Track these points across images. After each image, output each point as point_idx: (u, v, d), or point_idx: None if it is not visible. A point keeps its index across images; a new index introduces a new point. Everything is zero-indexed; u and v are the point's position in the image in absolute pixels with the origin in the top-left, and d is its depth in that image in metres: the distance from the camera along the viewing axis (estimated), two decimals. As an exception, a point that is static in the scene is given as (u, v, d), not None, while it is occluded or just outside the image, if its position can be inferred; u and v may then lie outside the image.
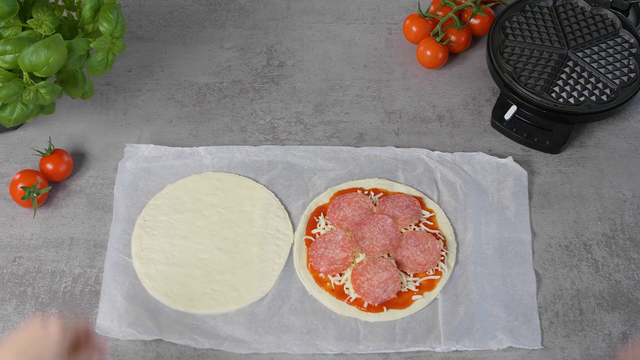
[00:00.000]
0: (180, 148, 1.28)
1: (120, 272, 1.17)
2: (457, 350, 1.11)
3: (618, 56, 1.34)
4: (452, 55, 1.42)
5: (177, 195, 1.24)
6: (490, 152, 1.30)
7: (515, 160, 1.28)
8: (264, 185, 1.25)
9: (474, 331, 1.12)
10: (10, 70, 1.12)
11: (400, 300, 1.16)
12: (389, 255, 1.19)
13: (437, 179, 1.26)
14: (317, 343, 1.12)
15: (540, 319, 1.14)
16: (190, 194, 1.24)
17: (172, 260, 1.18)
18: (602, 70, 1.33)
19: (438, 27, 1.39)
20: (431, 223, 1.22)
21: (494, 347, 1.11)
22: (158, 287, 1.16)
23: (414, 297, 1.16)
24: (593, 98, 1.30)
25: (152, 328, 1.12)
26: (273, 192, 1.25)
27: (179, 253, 1.19)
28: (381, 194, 1.25)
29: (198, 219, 1.22)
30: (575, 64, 1.34)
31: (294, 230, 1.22)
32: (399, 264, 1.18)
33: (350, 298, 1.15)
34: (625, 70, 1.33)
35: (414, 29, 1.41)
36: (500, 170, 1.27)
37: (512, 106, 1.31)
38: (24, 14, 1.17)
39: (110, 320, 1.12)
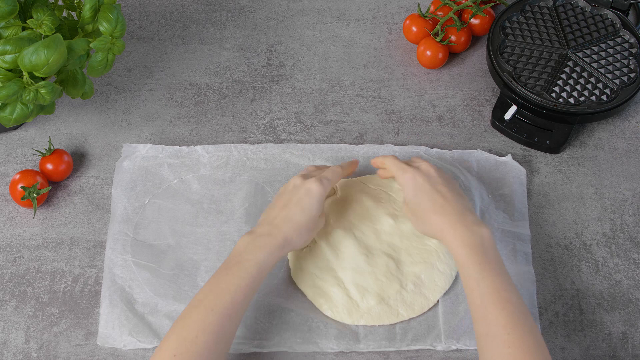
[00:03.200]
0: (178, 147, 1.28)
1: (119, 275, 1.17)
2: (457, 349, 1.11)
3: (618, 56, 1.34)
4: (452, 55, 1.42)
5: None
6: (490, 152, 1.30)
7: (514, 160, 1.28)
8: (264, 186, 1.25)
9: (474, 330, 1.12)
10: (10, 70, 1.12)
11: (401, 300, 1.16)
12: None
13: None
14: (318, 341, 1.12)
15: (540, 318, 1.14)
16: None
17: None
18: (602, 70, 1.33)
19: (438, 27, 1.39)
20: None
21: None
22: None
23: (414, 297, 1.16)
24: (593, 98, 1.30)
25: (153, 335, 1.12)
26: (270, 191, 1.24)
27: None
28: None
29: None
30: (575, 64, 1.34)
31: None
32: (399, 264, 1.18)
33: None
34: (625, 70, 1.33)
35: (414, 29, 1.41)
36: (499, 168, 1.27)
37: (512, 106, 1.31)
38: (24, 14, 1.17)
39: (112, 328, 1.12)
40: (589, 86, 1.31)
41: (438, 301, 1.15)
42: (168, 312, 1.14)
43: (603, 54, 1.35)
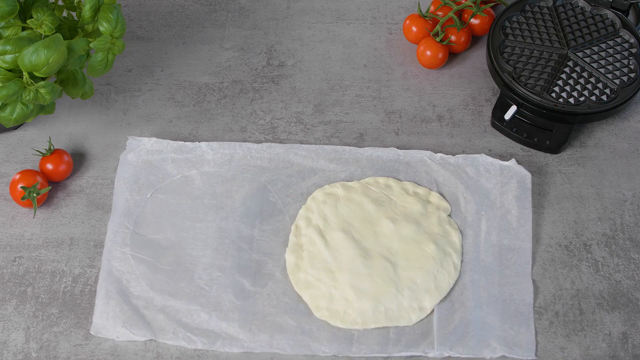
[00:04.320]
0: (183, 142, 1.28)
1: (117, 268, 1.17)
2: (449, 357, 1.11)
3: (618, 56, 1.34)
4: (452, 55, 1.42)
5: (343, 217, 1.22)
6: (491, 152, 1.30)
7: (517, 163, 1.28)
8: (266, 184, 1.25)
9: (467, 338, 1.11)
10: (10, 70, 1.12)
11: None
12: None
13: (439, 183, 1.25)
14: (311, 344, 1.11)
15: (540, 318, 1.14)
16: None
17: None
18: (602, 70, 1.33)
19: (438, 27, 1.39)
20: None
21: (487, 355, 1.10)
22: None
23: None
24: (593, 98, 1.30)
25: (146, 328, 1.12)
26: (272, 190, 1.24)
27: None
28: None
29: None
30: (575, 64, 1.34)
31: (290, 231, 1.21)
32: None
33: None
34: (625, 70, 1.33)
35: (414, 29, 1.41)
36: (504, 172, 1.26)
37: (512, 106, 1.31)
38: (24, 14, 1.17)
39: (106, 319, 1.12)
40: (589, 86, 1.31)
41: (433, 308, 1.14)
42: (163, 307, 1.14)
43: (603, 54, 1.35)
